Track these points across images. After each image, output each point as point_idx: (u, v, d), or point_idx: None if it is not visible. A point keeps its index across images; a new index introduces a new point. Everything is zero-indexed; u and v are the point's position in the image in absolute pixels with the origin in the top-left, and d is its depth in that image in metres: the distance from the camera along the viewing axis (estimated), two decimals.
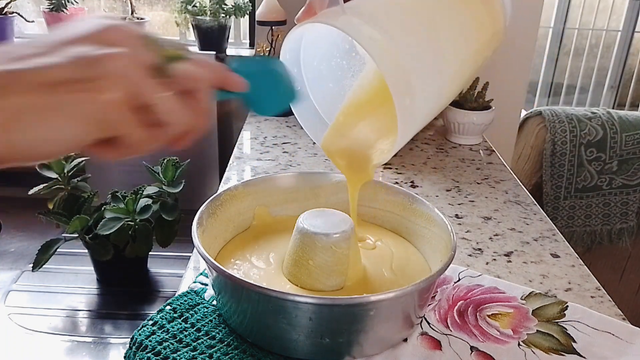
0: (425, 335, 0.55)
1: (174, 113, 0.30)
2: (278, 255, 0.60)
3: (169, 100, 0.30)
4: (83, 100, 0.27)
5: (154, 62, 0.30)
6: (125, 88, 0.28)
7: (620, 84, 2.56)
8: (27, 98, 0.26)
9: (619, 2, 2.48)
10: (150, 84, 0.29)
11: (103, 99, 0.27)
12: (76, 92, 0.27)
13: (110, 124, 0.28)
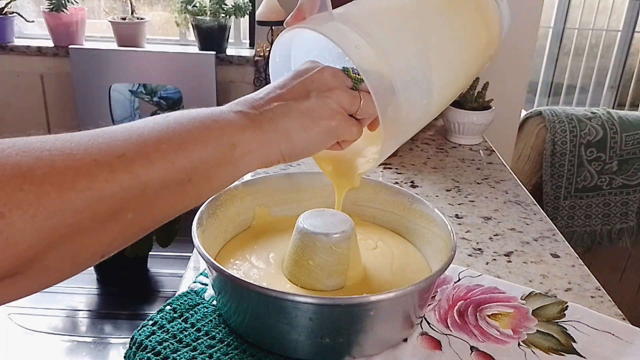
0: (425, 335, 0.55)
1: (367, 111, 0.47)
2: (278, 255, 0.61)
3: (363, 105, 0.46)
4: (323, 125, 0.44)
5: (350, 85, 0.46)
6: (341, 112, 0.45)
7: (620, 84, 2.56)
8: (293, 123, 0.43)
9: (619, 2, 2.48)
10: (354, 102, 0.46)
11: (333, 124, 0.45)
12: (319, 119, 0.44)
13: (338, 135, 0.46)
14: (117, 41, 1.90)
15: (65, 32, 1.84)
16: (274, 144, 0.43)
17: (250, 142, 0.41)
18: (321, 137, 0.45)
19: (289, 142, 0.43)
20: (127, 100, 1.97)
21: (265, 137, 0.42)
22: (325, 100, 0.44)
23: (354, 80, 0.47)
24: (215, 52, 1.76)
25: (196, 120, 0.39)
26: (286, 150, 0.44)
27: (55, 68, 1.87)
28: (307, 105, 0.44)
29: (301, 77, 0.45)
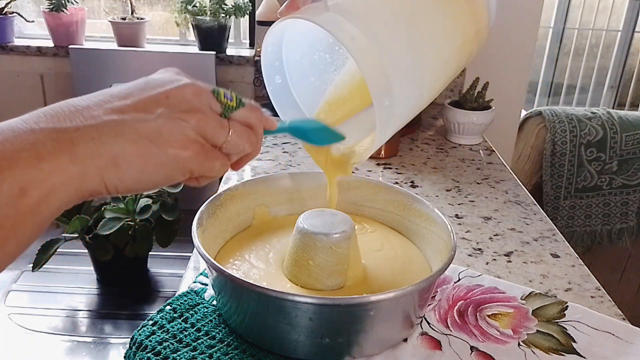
0: (425, 335, 0.55)
1: (237, 147, 0.39)
2: (278, 255, 0.60)
3: (232, 139, 0.39)
4: (170, 154, 0.35)
5: (219, 111, 0.39)
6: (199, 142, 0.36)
7: (620, 84, 2.56)
8: (126, 146, 0.33)
9: (619, 2, 2.48)
10: (219, 132, 0.38)
11: (185, 154, 0.35)
12: (164, 146, 0.34)
13: (194, 169, 0.37)
14: (117, 41, 1.90)
15: (65, 32, 1.84)
16: (90, 174, 0.32)
17: (50, 177, 0.30)
18: (164, 169, 0.35)
19: (115, 172, 0.33)
20: None
21: (78, 166, 0.31)
22: (178, 123, 0.35)
23: (224, 107, 0.39)
24: (215, 52, 1.76)
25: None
26: (111, 181, 0.33)
27: (55, 68, 1.87)
28: (152, 126, 0.34)
29: (153, 90, 0.36)
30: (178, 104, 0.36)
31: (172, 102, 0.36)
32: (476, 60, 1.39)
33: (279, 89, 0.54)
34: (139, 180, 0.34)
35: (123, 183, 0.34)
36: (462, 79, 1.41)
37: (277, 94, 0.54)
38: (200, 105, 0.37)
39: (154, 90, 0.36)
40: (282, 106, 0.55)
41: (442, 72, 0.52)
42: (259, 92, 1.59)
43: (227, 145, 0.38)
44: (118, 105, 0.34)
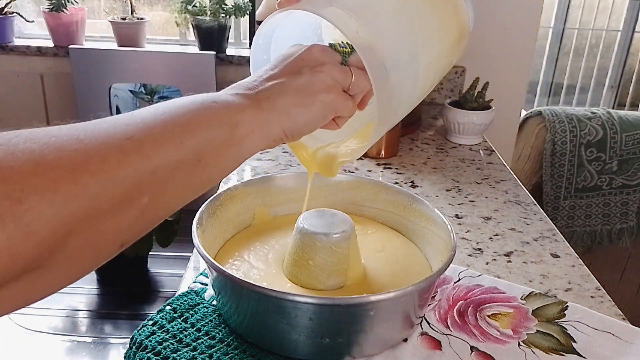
0: (425, 335, 0.55)
1: (359, 86, 0.47)
2: (278, 255, 0.60)
3: (356, 79, 0.47)
4: (321, 99, 0.44)
5: (339, 60, 0.47)
6: (336, 86, 0.45)
7: (620, 84, 2.56)
8: (290, 99, 0.43)
9: (619, 2, 2.48)
10: (346, 76, 0.46)
11: (330, 97, 0.45)
12: (315, 93, 0.44)
13: (337, 108, 0.46)
14: (117, 41, 1.90)
15: (65, 32, 1.84)
16: (274, 122, 0.42)
17: (250, 121, 0.41)
18: (320, 111, 0.45)
19: (289, 119, 0.43)
20: (130, 100, 1.97)
21: (265, 115, 0.42)
22: (318, 75, 0.45)
23: (342, 54, 0.47)
24: (215, 52, 1.76)
25: (197, 103, 0.39)
26: (287, 127, 0.43)
27: (55, 68, 1.87)
28: (302, 81, 0.44)
29: (290, 58, 0.46)
30: (313, 61, 0.45)
31: (307, 62, 0.45)
32: (476, 60, 1.39)
33: None
34: (306, 122, 0.44)
35: (296, 126, 0.44)
36: (462, 79, 1.41)
37: None
38: (327, 58, 0.46)
39: (291, 57, 0.46)
40: None
41: (432, 72, 0.53)
42: None
43: (352, 86, 0.46)
44: (273, 74, 0.44)
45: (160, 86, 1.94)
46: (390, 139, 1.01)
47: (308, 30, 0.53)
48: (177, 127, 0.37)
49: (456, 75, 1.40)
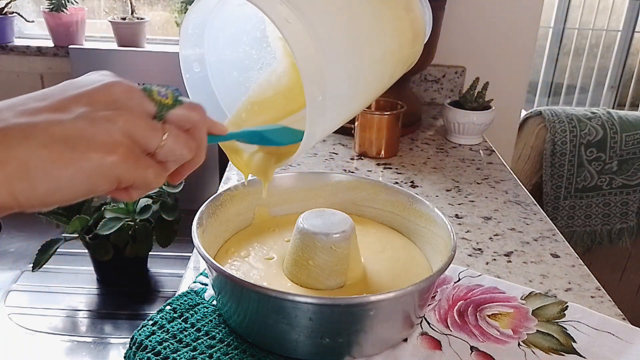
0: (425, 335, 0.55)
1: (173, 152, 0.34)
2: (277, 255, 0.60)
3: (167, 142, 0.34)
4: (93, 159, 0.30)
5: (153, 112, 0.34)
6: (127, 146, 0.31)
7: (620, 83, 2.55)
8: (37, 151, 0.29)
9: (619, 2, 2.48)
10: (152, 135, 0.33)
11: (111, 159, 0.31)
12: (85, 150, 0.30)
13: (119, 178, 0.32)
14: (117, 41, 1.90)
15: (65, 32, 1.84)
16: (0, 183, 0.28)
17: None
18: (85, 177, 0.30)
19: (25, 181, 0.29)
20: None
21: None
22: (104, 124, 0.31)
23: (158, 106, 0.34)
24: None
25: None
26: (22, 191, 0.29)
27: (55, 68, 1.87)
28: (70, 127, 0.30)
29: (75, 90, 0.32)
30: (103, 103, 0.32)
31: (95, 101, 0.31)
32: (476, 60, 1.39)
33: (197, 79, 0.48)
34: (55, 189, 0.30)
35: (36, 192, 0.29)
36: (462, 79, 1.41)
37: (194, 85, 0.48)
38: (130, 104, 0.33)
39: (75, 90, 0.32)
40: (198, 99, 0.48)
41: (378, 75, 0.48)
42: None
43: (161, 150, 0.34)
44: (32, 107, 0.30)
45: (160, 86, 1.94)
46: (390, 139, 1.01)
47: (249, 22, 0.47)
48: None
49: (456, 75, 1.40)
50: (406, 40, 0.50)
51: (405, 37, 0.50)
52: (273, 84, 0.50)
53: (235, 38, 0.48)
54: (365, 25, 0.45)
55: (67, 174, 0.30)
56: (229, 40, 0.48)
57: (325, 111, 0.42)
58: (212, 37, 0.46)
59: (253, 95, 0.51)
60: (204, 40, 0.46)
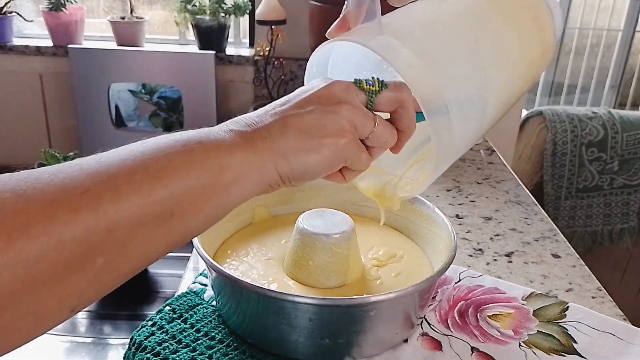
0: (426, 335, 0.55)
1: (383, 137, 0.41)
2: (277, 255, 0.60)
3: (378, 129, 0.41)
4: (328, 143, 0.39)
5: (365, 101, 0.40)
6: (351, 132, 0.39)
7: (622, 83, 2.55)
8: (290, 142, 0.38)
9: (620, 2, 2.48)
10: (367, 122, 0.40)
11: (341, 142, 0.39)
12: (322, 137, 0.38)
13: (347, 158, 0.40)
14: (117, 40, 1.90)
15: (65, 32, 1.84)
16: (269, 166, 0.37)
17: (241, 164, 0.36)
18: (325, 158, 0.39)
19: (286, 164, 0.38)
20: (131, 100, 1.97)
21: (259, 157, 0.37)
22: (331, 115, 0.39)
23: (368, 94, 0.40)
24: (214, 52, 1.76)
25: (177, 144, 0.34)
26: (284, 172, 0.38)
27: (54, 67, 1.87)
28: (309, 120, 0.38)
29: (305, 93, 0.40)
30: (328, 100, 0.39)
31: (323, 99, 0.39)
32: None
33: None
34: (305, 169, 0.38)
35: (293, 172, 0.38)
36: None
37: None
38: (348, 98, 0.40)
39: (306, 93, 0.40)
40: None
41: (504, 100, 0.47)
42: (258, 91, 1.59)
43: (372, 136, 0.41)
44: (279, 110, 0.39)
45: (160, 86, 1.94)
46: None
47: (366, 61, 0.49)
48: (147, 175, 0.32)
49: None
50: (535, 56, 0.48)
51: (535, 53, 0.48)
52: None
53: (357, 66, 0.49)
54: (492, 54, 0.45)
55: (312, 158, 0.38)
56: (352, 70, 0.49)
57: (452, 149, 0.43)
58: (337, 70, 0.48)
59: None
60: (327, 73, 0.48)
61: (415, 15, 0.44)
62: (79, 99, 1.83)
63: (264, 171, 0.37)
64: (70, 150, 1.66)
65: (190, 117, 1.78)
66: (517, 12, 0.48)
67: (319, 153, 0.38)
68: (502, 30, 0.46)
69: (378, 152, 0.42)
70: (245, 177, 0.36)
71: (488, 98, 0.44)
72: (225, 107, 1.80)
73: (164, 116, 1.94)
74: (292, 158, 0.38)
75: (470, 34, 0.44)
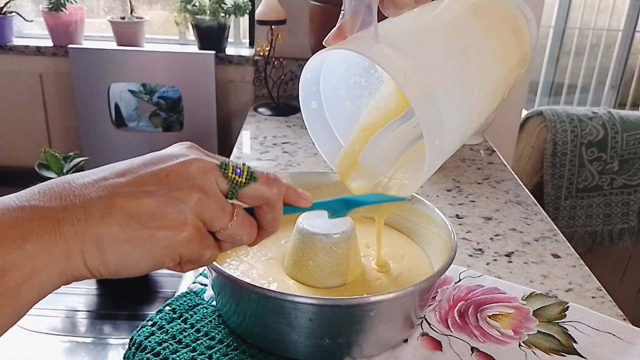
0: (426, 335, 0.55)
1: (233, 236, 0.36)
2: (278, 255, 0.60)
3: (233, 226, 0.35)
4: (161, 237, 0.32)
5: (225, 190, 0.35)
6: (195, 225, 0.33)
7: (622, 83, 2.55)
8: (112, 229, 0.30)
9: (620, 2, 2.48)
10: (220, 217, 0.34)
11: (178, 238, 0.32)
12: (155, 228, 0.31)
13: (182, 255, 0.33)
14: (116, 40, 1.90)
15: (64, 32, 1.84)
16: (75, 256, 0.30)
17: (33, 258, 0.29)
18: (153, 254, 0.32)
19: (98, 255, 0.31)
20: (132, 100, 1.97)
21: (62, 245, 0.29)
22: (175, 203, 0.32)
23: (231, 184, 0.35)
24: (214, 52, 1.76)
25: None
26: (94, 265, 0.31)
27: (54, 67, 1.87)
28: (145, 205, 0.31)
29: (155, 166, 0.33)
30: (178, 182, 0.33)
31: (172, 180, 0.33)
32: None
33: (314, 114, 0.52)
34: (124, 265, 0.32)
35: (106, 268, 0.31)
36: None
37: (312, 120, 0.52)
38: (204, 183, 0.33)
39: (155, 166, 0.33)
40: (316, 133, 0.53)
41: (488, 104, 0.50)
42: (258, 91, 1.59)
43: (224, 232, 0.35)
44: (113, 183, 0.32)
45: (160, 85, 1.94)
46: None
47: (355, 67, 0.51)
48: None
49: None
50: (514, 64, 0.51)
51: (514, 61, 0.51)
52: (382, 108, 0.52)
53: (347, 71, 0.51)
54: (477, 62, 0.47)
55: (137, 251, 0.31)
56: (342, 75, 0.51)
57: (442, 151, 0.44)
58: (328, 75, 0.49)
59: (363, 122, 0.53)
60: (320, 79, 0.50)
61: (408, 26, 0.46)
62: (79, 99, 1.83)
63: (67, 264, 0.30)
64: (70, 150, 1.66)
65: (190, 117, 1.78)
66: (499, 24, 0.50)
67: (146, 248, 0.31)
68: (486, 40, 0.48)
69: (229, 247, 0.37)
70: (41, 273, 0.29)
71: (474, 103, 0.46)
72: (225, 107, 1.80)
73: (164, 116, 1.94)
74: (108, 249, 0.31)
75: (459, 43, 0.46)
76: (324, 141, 0.54)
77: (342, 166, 0.54)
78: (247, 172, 0.36)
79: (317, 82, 0.50)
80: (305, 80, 0.49)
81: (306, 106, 0.52)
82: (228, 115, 1.79)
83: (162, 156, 0.34)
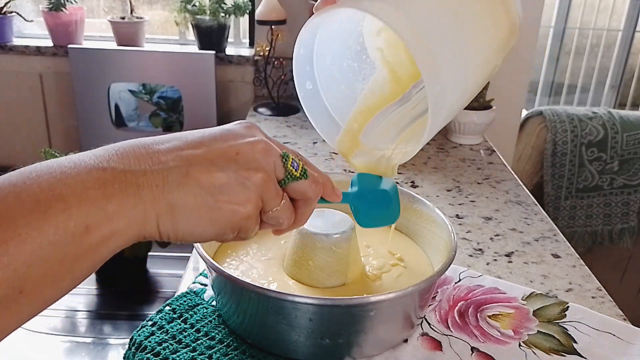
0: (426, 335, 0.55)
1: (281, 218, 0.39)
2: (277, 255, 0.60)
3: (281, 209, 0.38)
4: (227, 210, 0.34)
5: (280, 177, 0.38)
6: (256, 205, 0.36)
7: (622, 83, 2.55)
8: (186, 198, 0.32)
9: (620, 2, 2.48)
10: (274, 198, 0.37)
11: (242, 212, 0.35)
12: (224, 202, 0.34)
13: (241, 229, 0.36)
14: (117, 40, 1.90)
15: (65, 32, 1.84)
16: (150, 220, 0.32)
17: (113, 220, 0.30)
18: (218, 226, 0.35)
19: (170, 221, 0.32)
20: (132, 100, 1.97)
21: (140, 208, 0.31)
22: (242, 181, 0.35)
23: (286, 174, 0.38)
24: (214, 52, 1.76)
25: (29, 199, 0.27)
26: (165, 228, 0.33)
27: (54, 67, 1.87)
28: (218, 179, 0.34)
29: (226, 142, 0.35)
30: (246, 161, 0.35)
31: (240, 159, 0.35)
32: None
33: (310, 95, 0.52)
34: (191, 232, 0.34)
35: (175, 233, 0.33)
36: None
37: (308, 100, 0.52)
38: (267, 167, 0.36)
39: (226, 142, 0.36)
40: (313, 113, 0.53)
41: (482, 65, 0.50)
42: (258, 91, 1.59)
43: (270, 213, 0.38)
44: (187, 154, 0.34)
45: (160, 85, 1.94)
46: None
47: (350, 38, 0.50)
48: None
49: None
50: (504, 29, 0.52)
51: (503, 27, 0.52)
52: (376, 92, 0.53)
53: (339, 54, 0.51)
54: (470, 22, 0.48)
55: (204, 220, 0.34)
56: (334, 57, 0.51)
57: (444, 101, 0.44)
58: (320, 56, 0.49)
59: (360, 105, 0.54)
60: (313, 59, 0.50)
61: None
62: (79, 99, 1.83)
63: (143, 226, 0.31)
64: (70, 150, 1.66)
65: (190, 117, 1.78)
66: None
67: (213, 219, 0.34)
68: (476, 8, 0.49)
69: (268, 227, 0.40)
70: (118, 235, 0.30)
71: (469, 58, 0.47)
72: (225, 107, 1.80)
73: (164, 116, 1.94)
74: (180, 216, 0.33)
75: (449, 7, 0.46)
76: (321, 121, 0.54)
77: (343, 145, 0.54)
78: (302, 168, 0.39)
79: (311, 62, 0.50)
80: (298, 55, 0.48)
81: (301, 86, 0.51)
82: (228, 115, 1.79)
83: (231, 134, 0.36)
